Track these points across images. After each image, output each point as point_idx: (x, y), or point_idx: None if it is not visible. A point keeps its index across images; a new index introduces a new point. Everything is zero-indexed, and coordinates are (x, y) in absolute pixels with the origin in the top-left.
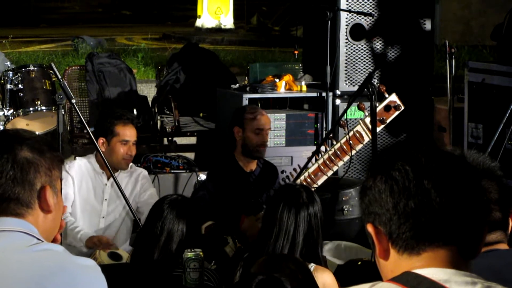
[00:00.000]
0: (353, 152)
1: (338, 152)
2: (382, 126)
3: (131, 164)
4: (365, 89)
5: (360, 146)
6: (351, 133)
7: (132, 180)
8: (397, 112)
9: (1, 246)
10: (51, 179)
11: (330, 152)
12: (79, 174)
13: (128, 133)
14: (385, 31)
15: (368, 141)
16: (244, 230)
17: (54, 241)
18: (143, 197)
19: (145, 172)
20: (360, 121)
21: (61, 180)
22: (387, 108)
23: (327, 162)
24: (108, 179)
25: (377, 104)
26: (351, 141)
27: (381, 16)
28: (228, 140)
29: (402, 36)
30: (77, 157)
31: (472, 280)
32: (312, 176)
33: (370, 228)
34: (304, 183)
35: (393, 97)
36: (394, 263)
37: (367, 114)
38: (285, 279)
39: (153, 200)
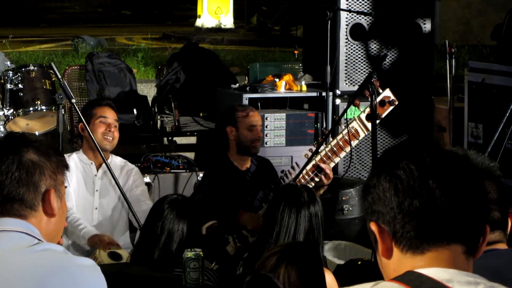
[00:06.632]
0: (349, 148)
1: (335, 149)
2: (377, 121)
3: (125, 160)
4: (365, 89)
5: (356, 142)
6: (347, 130)
7: (124, 174)
8: (391, 107)
9: (1, 246)
10: (55, 183)
11: (327, 149)
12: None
13: (106, 111)
14: (385, 31)
15: (364, 137)
16: (243, 223)
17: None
18: (135, 192)
19: (137, 169)
20: (356, 117)
21: (65, 186)
22: (382, 103)
23: (324, 159)
24: (97, 169)
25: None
26: (347, 137)
27: (381, 16)
28: (220, 141)
29: (402, 36)
30: (65, 154)
31: (475, 280)
32: (310, 174)
33: (373, 226)
34: (302, 180)
35: (387, 92)
36: (397, 262)
37: (361, 110)
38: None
39: (144, 197)
